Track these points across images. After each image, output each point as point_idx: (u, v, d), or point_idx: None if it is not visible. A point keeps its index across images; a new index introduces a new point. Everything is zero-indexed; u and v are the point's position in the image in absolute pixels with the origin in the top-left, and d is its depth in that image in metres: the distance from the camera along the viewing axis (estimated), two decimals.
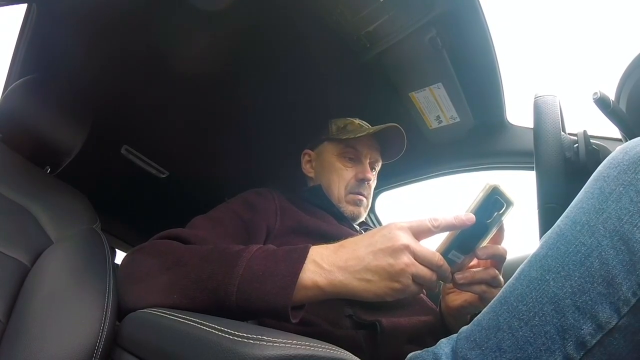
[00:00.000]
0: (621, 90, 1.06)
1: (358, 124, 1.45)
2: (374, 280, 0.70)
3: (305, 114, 1.67)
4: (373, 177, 1.42)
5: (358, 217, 1.38)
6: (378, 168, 1.48)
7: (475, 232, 0.75)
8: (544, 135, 0.94)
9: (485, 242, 0.78)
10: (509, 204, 0.76)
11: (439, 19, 1.27)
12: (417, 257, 0.71)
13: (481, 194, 0.75)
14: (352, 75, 1.56)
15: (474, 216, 0.74)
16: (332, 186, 1.38)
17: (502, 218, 0.77)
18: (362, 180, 1.36)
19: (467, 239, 0.75)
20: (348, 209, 1.36)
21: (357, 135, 1.37)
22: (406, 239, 0.71)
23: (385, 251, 0.71)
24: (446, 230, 0.75)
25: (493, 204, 0.75)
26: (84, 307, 0.79)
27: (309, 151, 1.53)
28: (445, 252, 0.75)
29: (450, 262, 0.75)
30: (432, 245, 0.76)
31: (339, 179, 1.37)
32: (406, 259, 0.70)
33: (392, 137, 1.41)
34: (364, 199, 1.38)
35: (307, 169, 1.52)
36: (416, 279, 0.71)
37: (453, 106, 1.57)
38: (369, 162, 1.41)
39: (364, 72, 1.54)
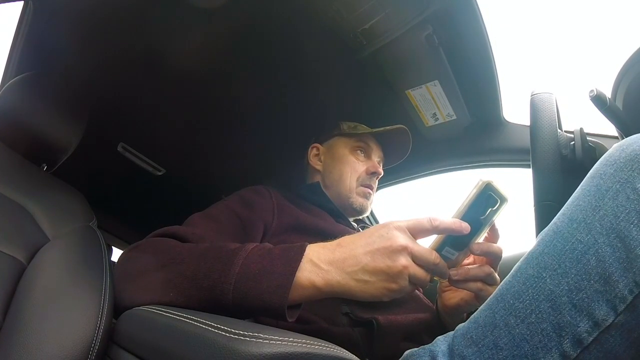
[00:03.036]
0: (618, 87, 1.07)
1: (365, 128, 1.48)
2: (371, 281, 0.70)
3: (302, 111, 1.68)
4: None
5: (364, 210, 1.40)
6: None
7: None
8: (540, 133, 0.94)
9: (479, 239, 0.79)
10: (502, 200, 0.76)
11: (436, 16, 1.27)
12: (414, 257, 0.71)
13: (474, 190, 0.75)
14: (348, 72, 1.56)
15: (469, 225, 0.74)
16: (344, 177, 1.39)
17: (496, 214, 0.77)
18: (374, 174, 1.40)
19: (461, 235, 0.75)
20: (358, 200, 1.38)
21: (373, 130, 1.44)
22: (404, 239, 0.71)
23: (383, 252, 0.70)
24: (444, 233, 0.75)
25: (486, 200, 0.75)
26: (81, 305, 0.79)
27: (318, 145, 1.54)
28: (438, 248, 0.75)
29: (444, 258, 0.75)
30: (425, 242, 0.76)
31: (352, 170, 1.40)
32: (404, 260, 0.70)
33: (397, 142, 1.48)
34: (372, 193, 1.42)
35: (315, 161, 1.52)
36: (412, 280, 0.71)
37: (449, 103, 1.57)
38: (377, 161, 1.46)
39: (361, 69, 1.53)
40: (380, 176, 1.43)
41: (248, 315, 0.75)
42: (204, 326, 0.56)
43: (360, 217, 1.44)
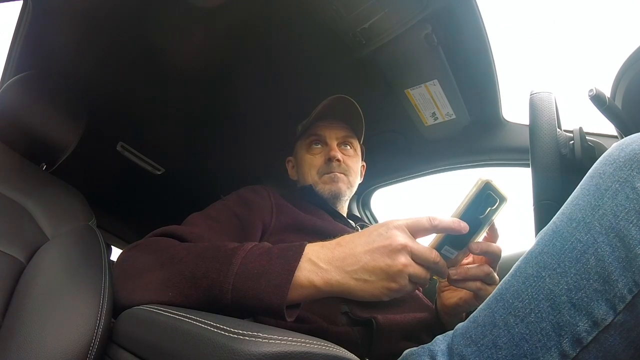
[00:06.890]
0: (617, 87, 1.06)
1: (319, 109, 1.43)
2: (371, 280, 0.70)
3: (301, 110, 1.68)
4: (348, 155, 1.42)
5: (338, 193, 1.36)
6: (355, 143, 1.48)
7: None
8: (539, 132, 0.94)
9: (479, 238, 0.78)
10: (502, 199, 0.75)
11: (435, 15, 1.27)
12: (414, 256, 0.70)
13: (474, 189, 0.75)
14: (347, 72, 1.56)
15: (467, 225, 0.74)
16: (307, 178, 1.40)
17: (495, 214, 0.76)
18: (330, 160, 1.36)
19: (460, 235, 0.75)
20: (325, 188, 1.35)
21: (309, 120, 1.43)
22: (403, 238, 0.71)
23: (382, 251, 0.70)
24: (443, 232, 0.74)
25: (486, 200, 0.75)
26: (80, 304, 0.79)
27: (290, 157, 1.57)
28: (438, 247, 0.75)
29: (443, 257, 0.74)
30: (424, 241, 0.75)
31: (310, 167, 1.40)
32: (404, 259, 0.69)
33: (344, 105, 1.41)
34: (340, 174, 1.37)
35: (292, 173, 1.55)
36: (412, 279, 0.71)
37: (449, 103, 1.57)
38: (337, 143, 1.42)
39: (360, 68, 1.53)
40: (342, 157, 1.38)
41: (247, 315, 0.75)
42: (203, 325, 0.56)
43: (346, 197, 1.42)
